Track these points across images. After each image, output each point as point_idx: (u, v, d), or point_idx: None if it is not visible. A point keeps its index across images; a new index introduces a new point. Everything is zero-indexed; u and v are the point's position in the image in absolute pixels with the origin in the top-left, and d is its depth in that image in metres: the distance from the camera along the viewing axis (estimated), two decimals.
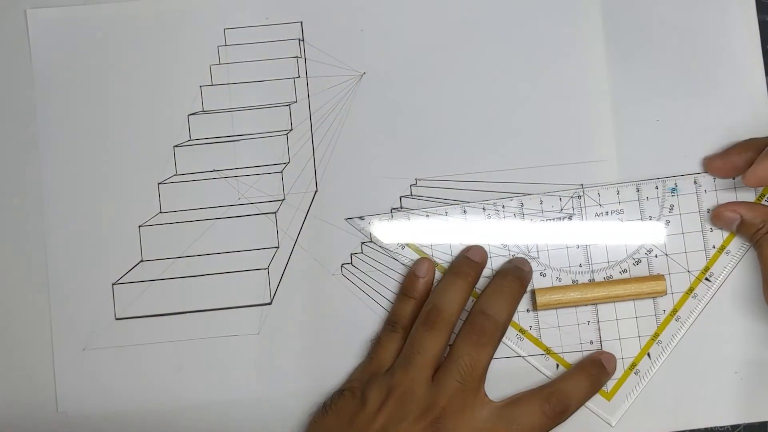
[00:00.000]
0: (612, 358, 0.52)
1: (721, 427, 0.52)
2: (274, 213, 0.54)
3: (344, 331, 0.53)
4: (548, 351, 0.52)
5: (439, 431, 0.47)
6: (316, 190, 0.54)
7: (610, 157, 0.54)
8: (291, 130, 0.54)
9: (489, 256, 0.53)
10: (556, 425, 0.49)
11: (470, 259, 0.52)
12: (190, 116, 0.54)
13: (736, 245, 0.52)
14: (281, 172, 0.54)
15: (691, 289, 0.52)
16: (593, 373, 0.50)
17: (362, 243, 0.53)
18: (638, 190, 0.53)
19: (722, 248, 0.52)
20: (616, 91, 0.54)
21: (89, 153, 0.54)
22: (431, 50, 0.54)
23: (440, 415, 0.47)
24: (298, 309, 0.53)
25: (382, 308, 0.53)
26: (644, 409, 0.52)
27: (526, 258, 0.53)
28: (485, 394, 0.49)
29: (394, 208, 0.54)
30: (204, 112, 0.54)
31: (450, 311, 0.49)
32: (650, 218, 0.53)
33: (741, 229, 0.51)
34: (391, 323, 0.51)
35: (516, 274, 0.51)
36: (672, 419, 0.52)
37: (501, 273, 0.51)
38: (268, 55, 0.54)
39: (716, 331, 0.52)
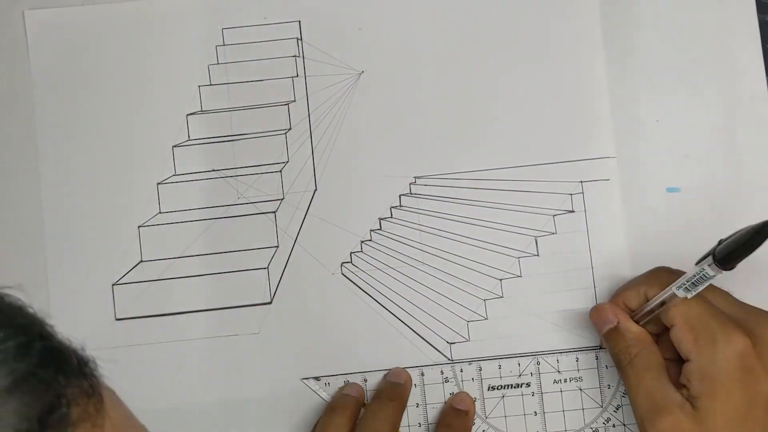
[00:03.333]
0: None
1: None
2: (274, 212, 0.54)
3: (344, 331, 0.53)
4: None
5: None
6: (316, 189, 0.54)
7: (609, 157, 0.53)
8: (290, 129, 0.54)
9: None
10: None
11: (347, 395, 0.51)
12: (188, 116, 0.54)
13: None
14: (280, 171, 0.54)
15: None
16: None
17: (362, 242, 0.53)
18: (597, 358, 0.52)
19: None
20: (615, 90, 0.54)
21: (88, 153, 0.54)
22: (429, 48, 0.54)
23: None
24: (298, 308, 0.53)
25: (383, 307, 0.53)
26: None
27: (406, 372, 0.52)
28: None
29: (393, 207, 0.54)
30: (203, 111, 0.54)
31: None
32: (608, 386, 0.52)
33: (610, 337, 0.49)
34: None
35: (388, 394, 0.51)
36: None
37: (375, 395, 0.52)
38: (266, 54, 0.54)
39: None
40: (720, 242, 0.42)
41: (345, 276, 0.53)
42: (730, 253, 0.41)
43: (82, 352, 0.31)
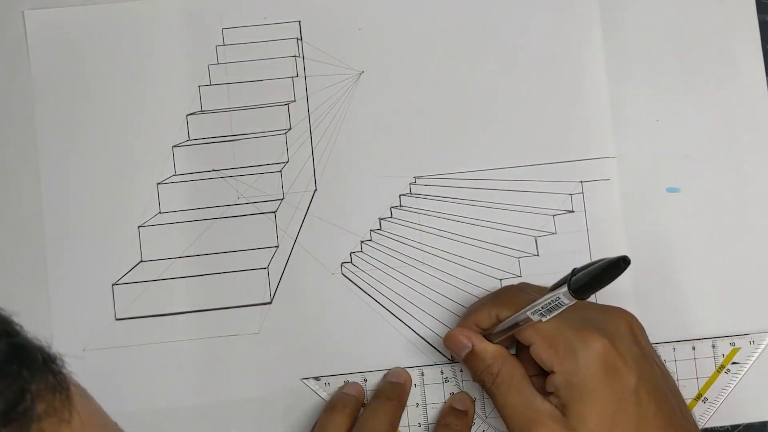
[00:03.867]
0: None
1: (721, 427, 0.52)
2: (274, 212, 0.54)
3: (344, 331, 0.53)
4: None
5: None
6: (316, 189, 0.54)
7: (609, 157, 0.53)
8: (290, 129, 0.54)
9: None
10: None
11: (347, 394, 0.52)
12: (188, 116, 0.54)
13: None
14: (280, 171, 0.54)
15: None
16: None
17: (362, 242, 0.53)
18: None
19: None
20: (615, 90, 0.54)
21: (88, 154, 0.54)
22: (429, 48, 0.54)
23: None
24: (298, 308, 0.53)
25: (383, 307, 0.53)
26: None
27: (406, 372, 0.52)
28: None
29: (393, 207, 0.54)
30: (203, 111, 0.54)
31: None
32: None
33: (468, 360, 0.48)
34: None
35: (388, 393, 0.51)
36: None
37: (375, 394, 0.52)
38: (266, 54, 0.54)
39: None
40: (574, 271, 0.42)
41: (345, 276, 0.53)
42: (585, 284, 0.41)
43: (48, 349, 0.31)
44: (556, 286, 0.43)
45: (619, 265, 0.40)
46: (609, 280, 0.40)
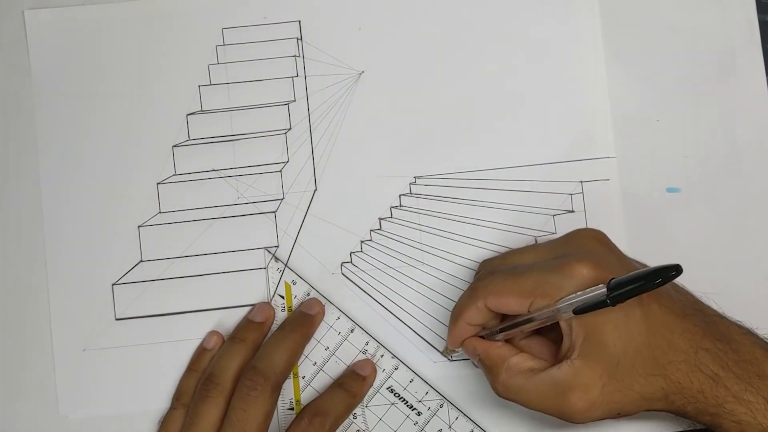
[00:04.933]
0: (367, 363, 0.52)
1: None
2: (274, 212, 0.54)
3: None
4: None
5: None
6: (315, 189, 0.54)
7: (609, 157, 0.53)
8: (290, 129, 0.54)
9: None
10: None
11: (251, 321, 0.52)
12: (188, 116, 0.54)
13: None
14: (280, 171, 0.54)
15: None
16: (345, 382, 0.51)
17: (362, 242, 0.53)
18: None
19: None
20: (615, 90, 0.54)
21: (88, 153, 0.54)
22: (429, 48, 0.54)
23: None
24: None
25: (382, 306, 0.53)
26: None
27: (323, 303, 0.53)
28: None
29: (393, 207, 0.54)
30: (203, 111, 0.54)
31: (225, 377, 0.49)
32: None
33: (481, 365, 0.48)
34: (173, 401, 0.51)
35: (296, 322, 0.51)
36: (672, 419, 0.52)
37: (282, 323, 0.52)
38: (266, 54, 0.54)
39: None
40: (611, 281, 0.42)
41: (345, 276, 0.53)
42: (624, 283, 0.41)
43: None
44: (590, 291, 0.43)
45: (669, 271, 0.40)
46: (654, 284, 0.40)
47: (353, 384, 0.51)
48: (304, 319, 0.51)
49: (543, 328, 0.46)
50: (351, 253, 0.53)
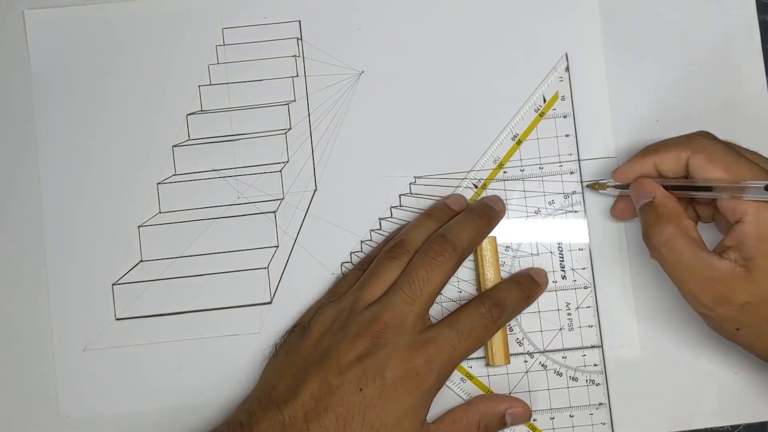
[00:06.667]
0: (541, 271, 0.52)
1: (721, 427, 0.52)
2: (274, 212, 0.54)
3: None
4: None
5: (378, 345, 0.46)
6: (316, 189, 0.54)
7: (609, 157, 0.53)
8: (290, 129, 0.54)
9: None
10: (495, 327, 0.49)
11: (447, 206, 0.52)
12: (188, 116, 0.54)
13: None
14: (280, 171, 0.54)
15: None
16: (523, 282, 0.51)
17: (362, 241, 0.53)
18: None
19: None
20: (615, 90, 0.54)
21: (88, 153, 0.54)
22: (429, 48, 0.54)
23: (382, 329, 0.46)
24: (298, 308, 0.53)
25: None
26: (644, 409, 0.52)
27: (502, 201, 0.52)
28: (429, 318, 0.49)
29: (393, 207, 0.54)
30: (203, 111, 0.54)
31: (414, 246, 0.49)
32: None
33: (644, 211, 0.47)
34: (356, 265, 0.52)
35: (483, 210, 0.51)
36: (672, 419, 0.52)
37: (469, 208, 0.52)
38: (266, 54, 0.54)
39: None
40: None
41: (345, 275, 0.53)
42: None
43: None
44: None
45: None
46: None
47: (530, 286, 0.51)
48: (490, 211, 0.51)
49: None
50: (351, 253, 0.53)
